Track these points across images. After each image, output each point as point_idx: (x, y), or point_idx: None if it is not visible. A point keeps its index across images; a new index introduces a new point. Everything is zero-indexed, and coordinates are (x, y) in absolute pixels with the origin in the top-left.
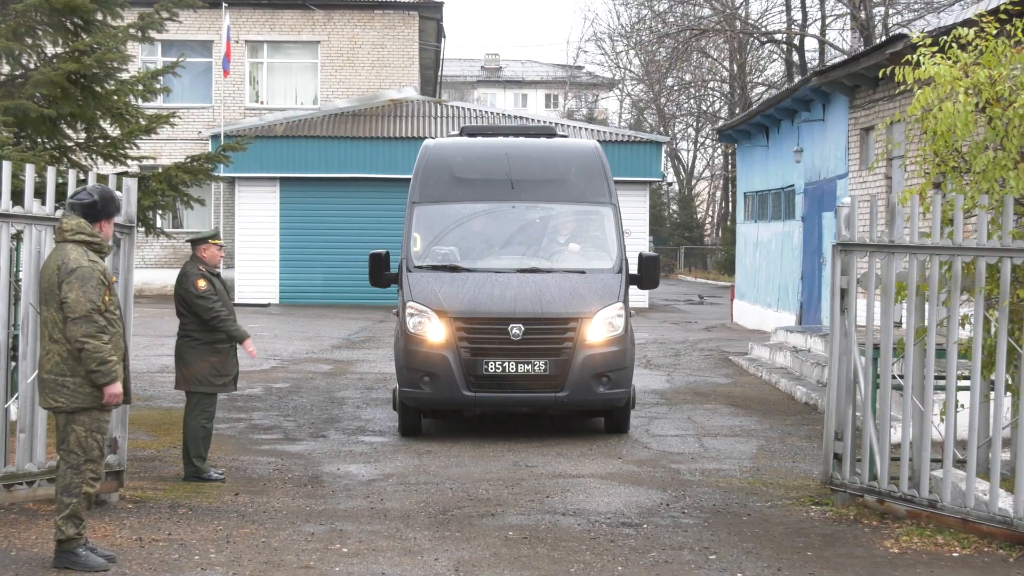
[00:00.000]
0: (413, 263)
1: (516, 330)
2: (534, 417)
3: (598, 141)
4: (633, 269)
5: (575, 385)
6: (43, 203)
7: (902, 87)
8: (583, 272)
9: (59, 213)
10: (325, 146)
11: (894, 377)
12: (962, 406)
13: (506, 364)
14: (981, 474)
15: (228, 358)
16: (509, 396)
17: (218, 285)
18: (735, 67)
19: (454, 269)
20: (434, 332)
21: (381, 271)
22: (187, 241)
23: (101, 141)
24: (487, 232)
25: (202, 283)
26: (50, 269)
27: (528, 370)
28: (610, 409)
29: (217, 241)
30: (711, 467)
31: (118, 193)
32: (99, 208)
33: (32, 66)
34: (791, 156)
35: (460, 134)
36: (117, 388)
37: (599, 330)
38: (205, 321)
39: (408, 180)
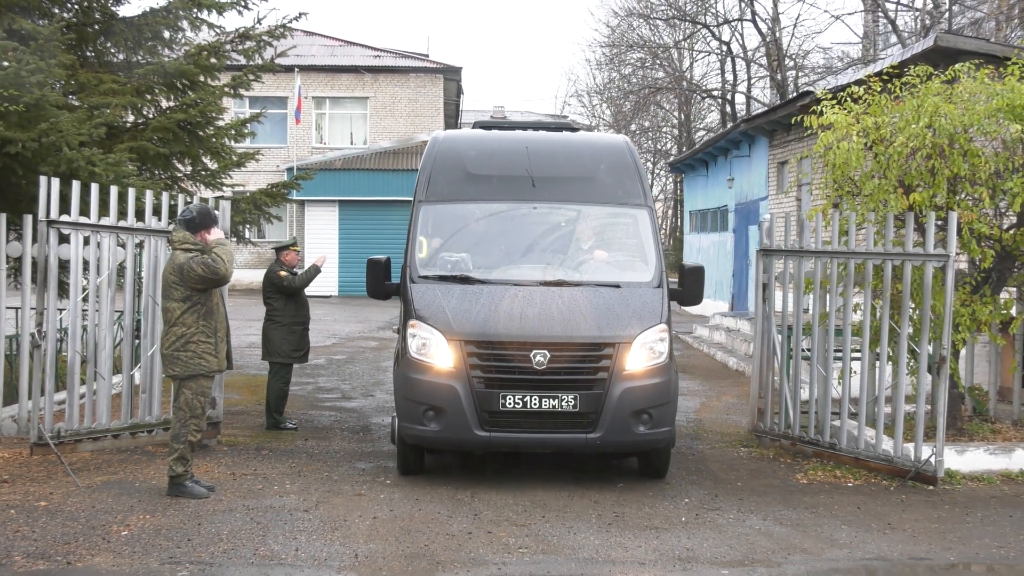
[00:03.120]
0: (417, 272)
1: (540, 357)
2: None
3: None
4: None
5: (610, 424)
6: (159, 219)
7: (809, 131)
8: (618, 286)
9: (172, 227)
10: (373, 176)
11: (803, 350)
12: (855, 372)
13: (528, 398)
14: (869, 423)
15: (302, 337)
16: (531, 437)
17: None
18: (683, 116)
19: (465, 280)
20: (441, 357)
21: (381, 280)
22: (272, 248)
23: (203, 172)
24: (504, 237)
25: (283, 273)
26: (167, 270)
27: (554, 406)
28: (648, 451)
29: (295, 248)
30: None
31: (216, 211)
32: (198, 222)
33: (150, 116)
34: (725, 183)
35: (473, 128)
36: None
37: (639, 357)
38: (294, 295)
39: None
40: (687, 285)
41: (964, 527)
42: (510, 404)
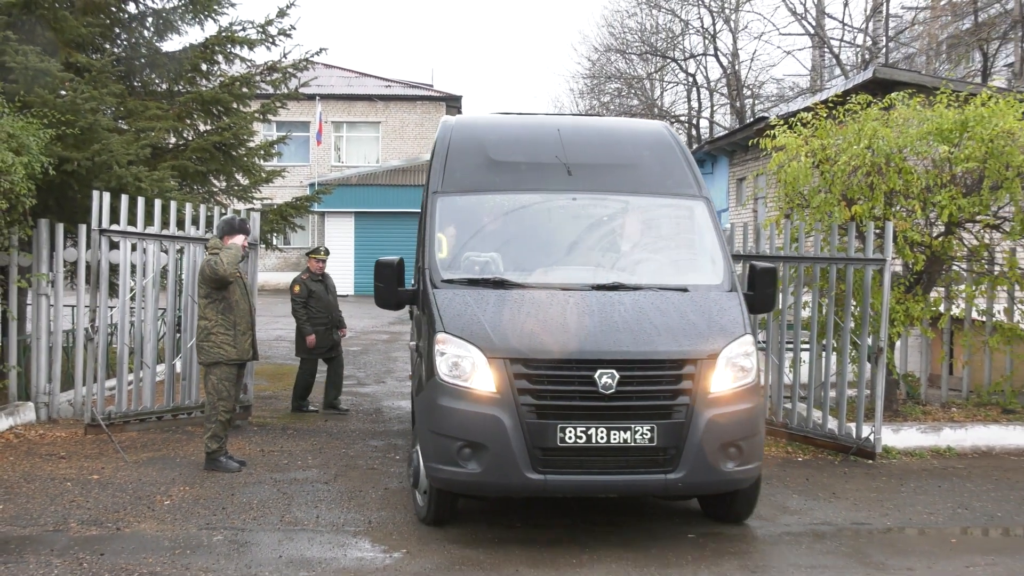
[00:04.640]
0: (440, 275)
1: (607, 379)
2: None
3: None
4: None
5: (695, 461)
6: (197, 228)
7: (764, 151)
8: (685, 290)
9: (208, 235)
10: (384, 191)
11: (760, 342)
12: (804, 361)
13: (592, 431)
14: (817, 406)
15: (323, 336)
16: (596, 480)
17: (317, 288)
18: None
19: (500, 284)
20: (480, 380)
21: (393, 287)
22: (305, 255)
23: (236, 187)
24: (541, 233)
25: (296, 288)
26: (199, 270)
27: (626, 439)
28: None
29: (315, 255)
30: None
31: (244, 221)
32: (223, 229)
33: (190, 138)
34: None
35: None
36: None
37: (725, 378)
38: (320, 298)
39: None
40: (759, 288)
41: (899, 496)
42: (570, 438)
